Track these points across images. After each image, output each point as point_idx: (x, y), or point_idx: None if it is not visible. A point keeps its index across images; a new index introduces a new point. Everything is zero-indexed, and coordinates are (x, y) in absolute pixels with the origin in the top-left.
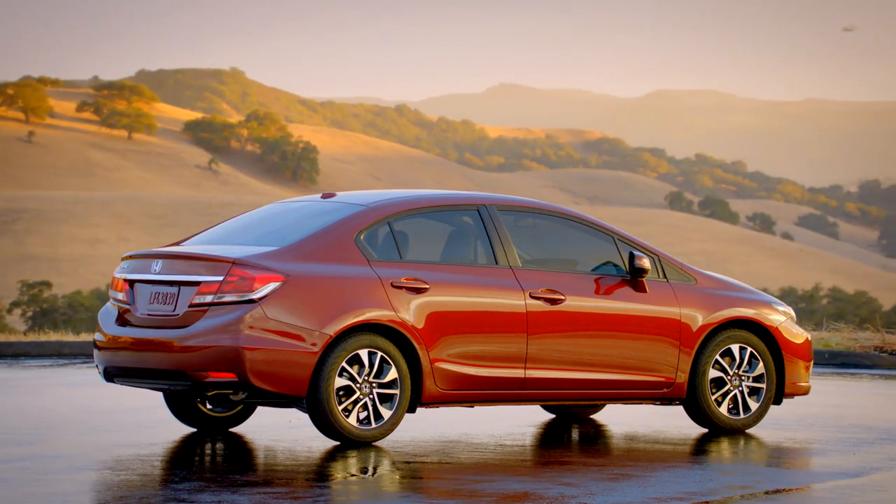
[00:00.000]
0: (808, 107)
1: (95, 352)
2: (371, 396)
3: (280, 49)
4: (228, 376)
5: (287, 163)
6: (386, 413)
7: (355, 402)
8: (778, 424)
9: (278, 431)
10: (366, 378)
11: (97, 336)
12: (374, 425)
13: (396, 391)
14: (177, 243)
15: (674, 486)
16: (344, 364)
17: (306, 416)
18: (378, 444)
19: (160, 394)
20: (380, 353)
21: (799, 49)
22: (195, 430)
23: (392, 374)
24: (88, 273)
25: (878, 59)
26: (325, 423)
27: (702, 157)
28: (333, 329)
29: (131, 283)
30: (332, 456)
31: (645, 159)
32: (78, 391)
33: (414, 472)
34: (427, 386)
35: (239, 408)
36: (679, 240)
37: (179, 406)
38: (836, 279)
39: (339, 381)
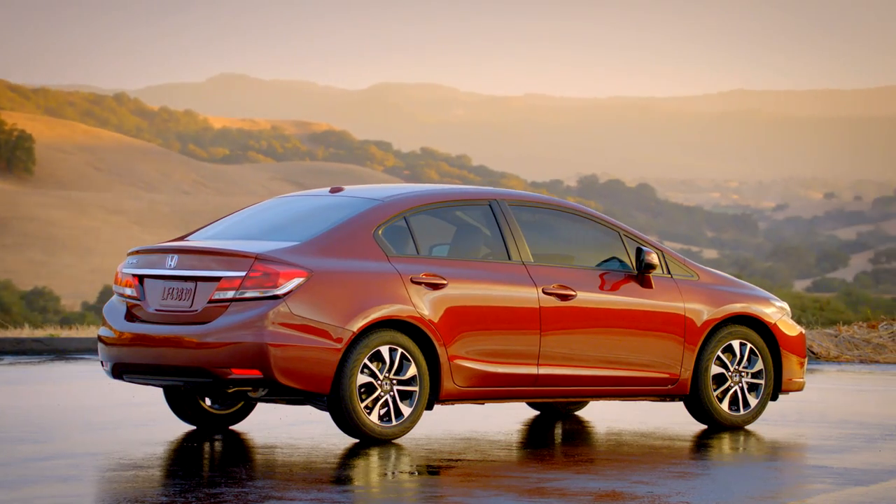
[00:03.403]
0: (527, 102)
1: (102, 348)
2: (391, 394)
3: None
4: (253, 373)
5: (0, 152)
6: (406, 410)
7: (376, 400)
8: (766, 421)
9: (284, 430)
10: (386, 375)
11: (104, 332)
12: (394, 423)
13: (416, 388)
14: (180, 238)
15: (750, 486)
16: (366, 361)
17: (302, 412)
18: (398, 441)
19: (130, 392)
20: (400, 350)
21: (517, 45)
22: (194, 427)
23: (412, 370)
24: None
25: (593, 56)
26: (346, 420)
27: (427, 151)
28: (357, 325)
29: (140, 278)
30: (371, 454)
31: (372, 152)
32: (36, 389)
33: (472, 469)
34: (445, 383)
35: (239, 405)
36: None
37: (180, 403)
38: None
39: (361, 378)
